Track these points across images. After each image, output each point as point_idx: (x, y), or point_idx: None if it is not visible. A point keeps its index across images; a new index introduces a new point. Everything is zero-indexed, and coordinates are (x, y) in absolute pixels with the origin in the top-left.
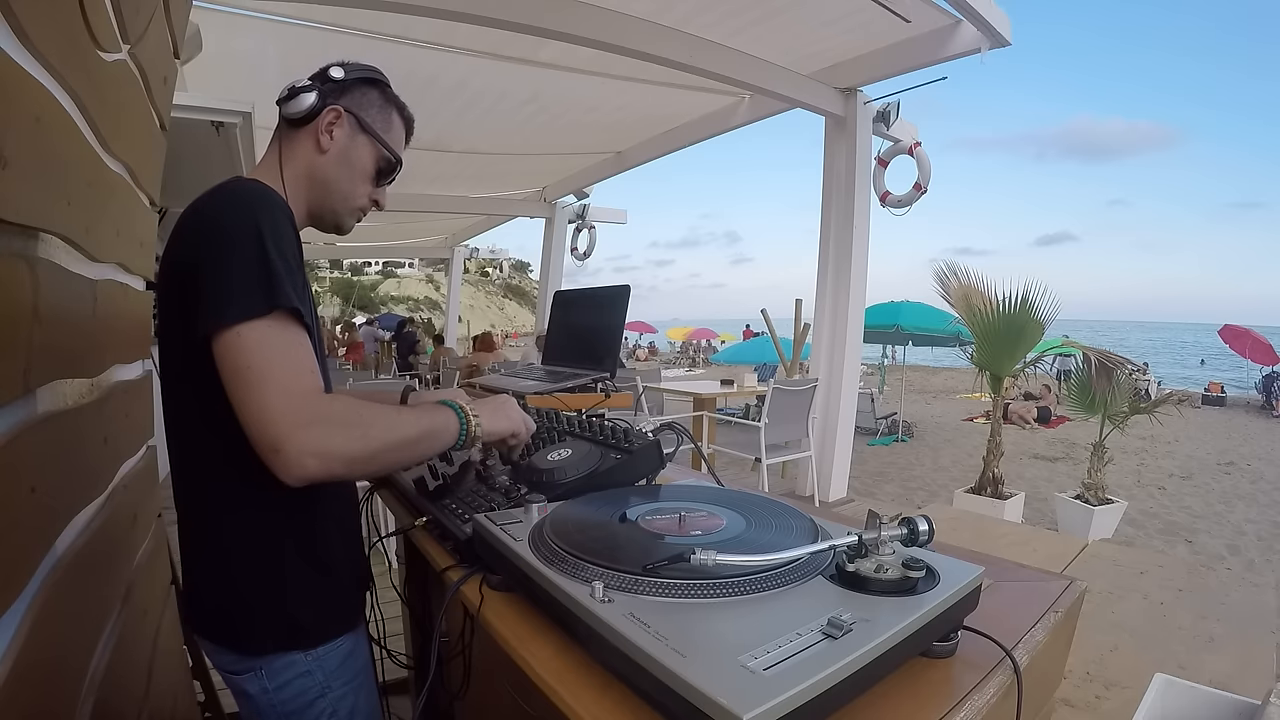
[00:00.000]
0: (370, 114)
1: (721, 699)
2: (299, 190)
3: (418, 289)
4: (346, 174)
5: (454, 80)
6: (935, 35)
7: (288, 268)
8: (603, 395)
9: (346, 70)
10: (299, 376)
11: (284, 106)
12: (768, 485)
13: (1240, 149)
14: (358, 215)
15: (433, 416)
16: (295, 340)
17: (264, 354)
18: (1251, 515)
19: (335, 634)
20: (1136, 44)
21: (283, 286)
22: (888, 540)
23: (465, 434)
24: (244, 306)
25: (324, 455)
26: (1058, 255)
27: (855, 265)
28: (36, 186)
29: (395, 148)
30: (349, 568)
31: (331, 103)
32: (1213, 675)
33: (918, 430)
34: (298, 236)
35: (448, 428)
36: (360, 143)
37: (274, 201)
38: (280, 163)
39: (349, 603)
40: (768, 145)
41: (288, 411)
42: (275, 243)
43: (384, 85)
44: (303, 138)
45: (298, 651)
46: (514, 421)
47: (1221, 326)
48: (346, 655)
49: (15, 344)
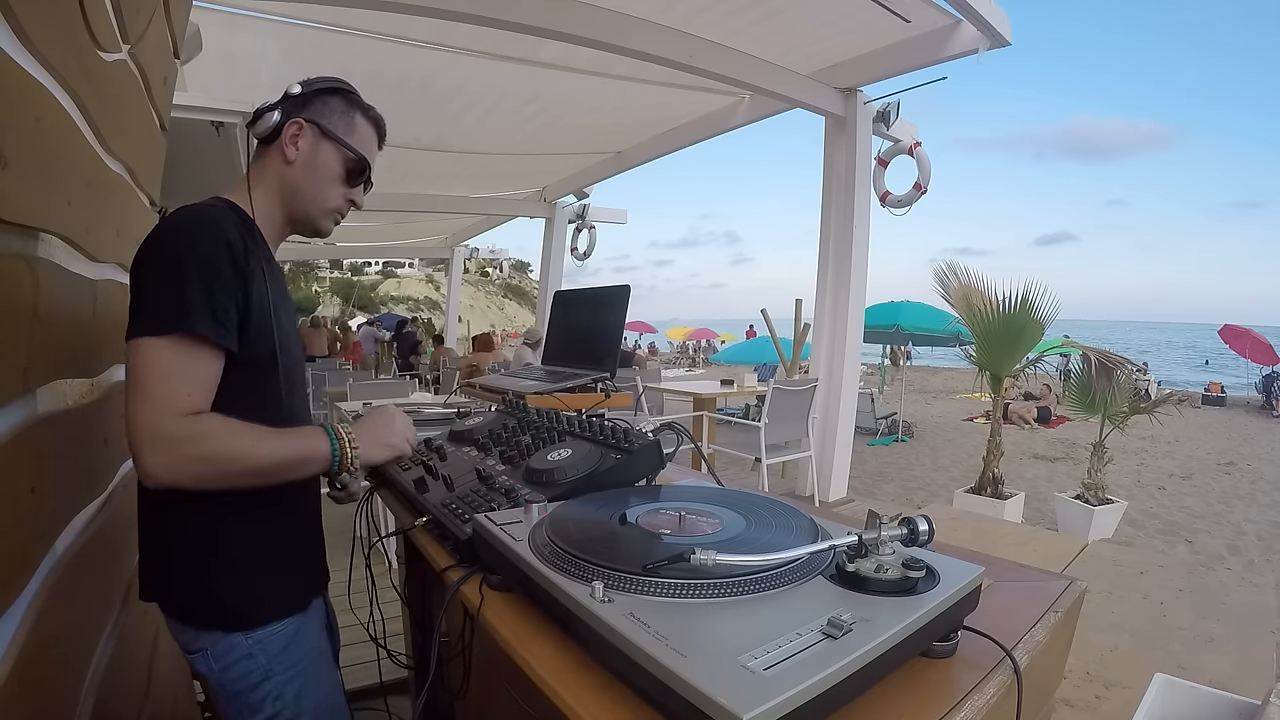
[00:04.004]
0: (332, 120)
1: (721, 699)
2: (272, 202)
3: (418, 289)
4: (313, 180)
5: (454, 80)
6: (935, 35)
7: (207, 294)
8: (603, 395)
9: (305, 86)
10: (172, 397)
11: (252, 128)
12: (768, 485)
13: (1241, 147)
14: (334, 217)
15: (301, 445)
16: (186, 363)
17: (149, 370)
18: (1251, 515)
19: (273, 617)
20: (1136, 40)
21: (191, 312)
22: (888, 540)
23: (339, 462)
24: (149, 324)
25: (171, 471)
26: (1057, 255)
27: (855, 265)
28: (36, 186)
29: (361, 149)
30: (294, 551)
31: (294, 116)
32: (1213, 675)
33: (918, 430)
34: (240, 257)
35: (316, 457)
36: (325, 149)
37: (212, 228)
38: (249, 180)
39: (290, 586)
40: (768, 144)
41: (148, 427)
42: (199, 269)
43: (345, 92)
44: (272, 153)
45: (239, 633)
46: (396, 447)
47: (1221, 326)
48: (289, 641)
49: (15, 344)
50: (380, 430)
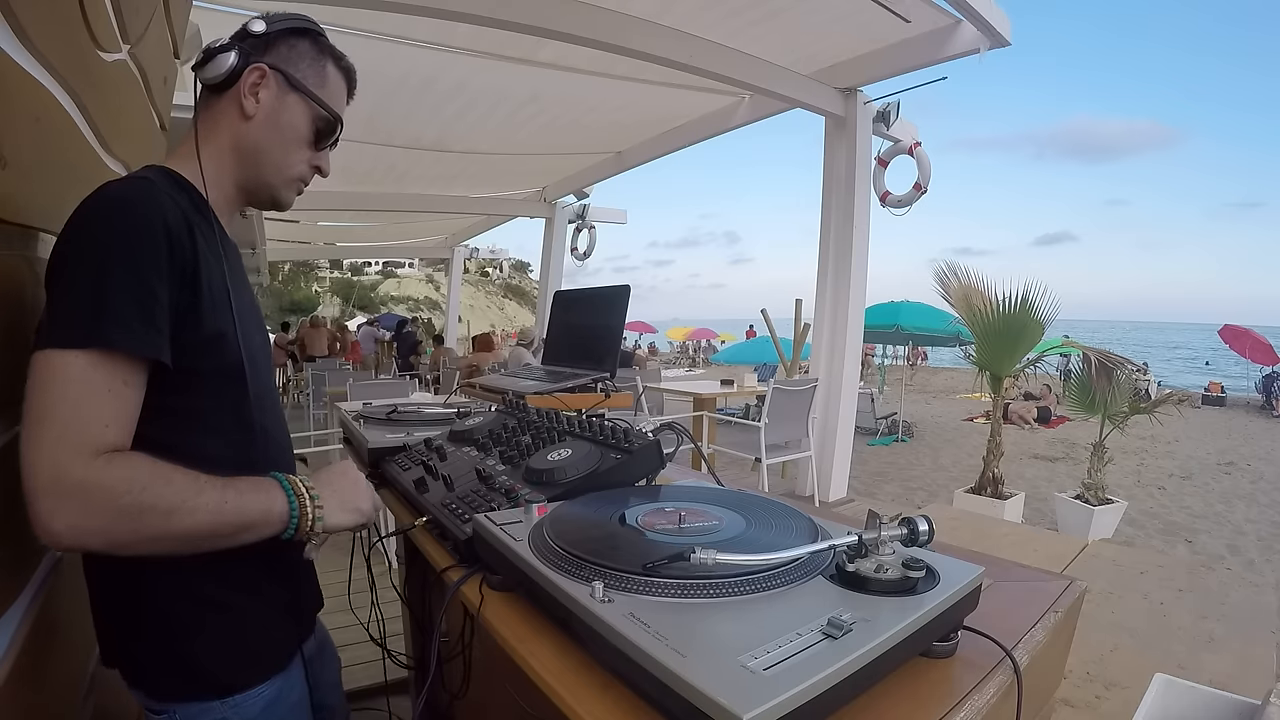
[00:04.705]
0: (300, 69)
1: (721, 699)
2: (224, 166)
3: (418, 289)
4: (277, 140)
5: (454, 80)
6: (935, 35)
7: (134, 293)
8: (603, 395)
9: (269, 22)
10: (83, 429)
11: (200, 71)
12: (768, 485)
13: (1241, 146)
14: (297, 187)
15: (251, 502)
16: (102, 387)
17: (54, 392)
18: (1251, 515)
19: (254, 681)
20: (1136, 40)
21: (112, 322)
22: (888, 540)
23: (295, 528)
24: (57, 334)
25: (78, 530)
26: (1057, 255)
27: (855, 265)
28: (36, 186)
29: (333, 104)
30: (282, 597)
31: (255, 61)
32: (1213, 675)
33: (918, 430)
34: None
35: (266, 518)
36: (291, 102)
37: (142, 205)
38: (197, 139)
39: (272, 643)
40: (768, 144)
41: (50, 470)
42: (123, 260)
43: (316, 34)
44: (225, 105)
45: (211, 699)
46: (365, 513)
47: (1221, 326)
48: (270, 702)
49: (15, 344)
50: (348, 492)
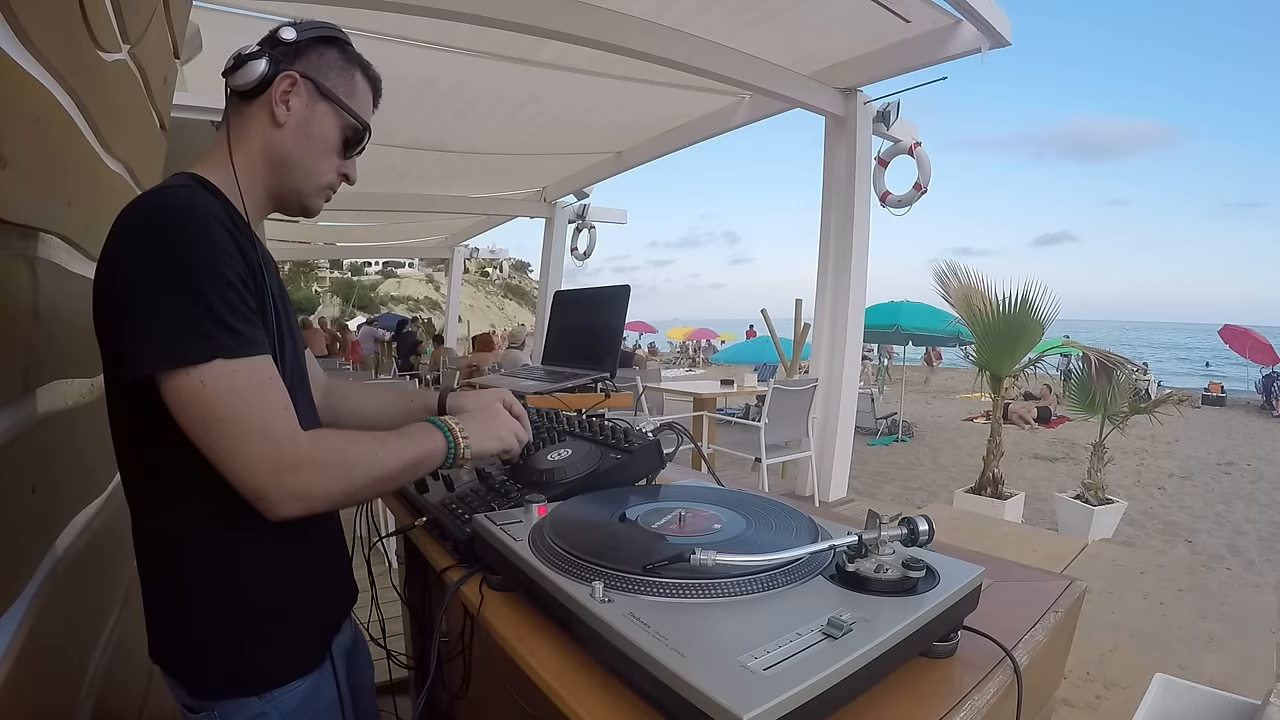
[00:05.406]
0: (330, 77)
1: (721, 699)
2: (255, 173)
3: (418, 289)
4: (308, 148)
5: (454, 80)
6: (935, 35)
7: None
8: (603, 395)
9: (299, 30)
10: (277, 419)
11: (231, 78)
12: (768, 485)
13: (1241, 147)
14: (325, 194)
15: (419, 444)
16: (264, 378)
17: (231, 400)
18: (1251, 515)
19: (292, 677)
20: (1136, 40)
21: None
22: (888, 540)
23: (453, 457)
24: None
25: (306, 498)
26: (1057, 255)
27: (855, 265)
28: (36, 186)
29: (361, 113)
30: (314, 605)
31: (285, 68)
32: (1213, 675)
33: (918, 430)
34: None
35: (434, 454)
36: (321, 111)
37: (206, 214)
38: (229, 145)
39: (310, 643)
40: (768, 144)
41: (268, 459)
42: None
43: (344, 43)
44: (255, 112)
45: (251, 695)
46: (504, 440)
47: (1221, 326)
48: (306, 696)
49: (15, 344)
50: (489, 424)
